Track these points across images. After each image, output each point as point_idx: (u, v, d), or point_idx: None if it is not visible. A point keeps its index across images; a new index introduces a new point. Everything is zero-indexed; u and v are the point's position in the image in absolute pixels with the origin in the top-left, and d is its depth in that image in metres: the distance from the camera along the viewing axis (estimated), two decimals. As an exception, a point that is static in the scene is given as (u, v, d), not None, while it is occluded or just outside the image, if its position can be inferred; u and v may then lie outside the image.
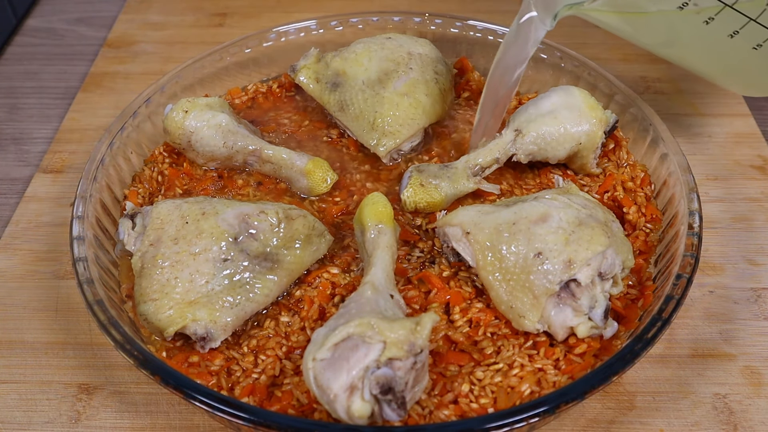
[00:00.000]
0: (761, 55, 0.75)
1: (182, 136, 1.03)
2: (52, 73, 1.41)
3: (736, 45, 0.74)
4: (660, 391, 0.87)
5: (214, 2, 1.57)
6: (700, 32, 0.72)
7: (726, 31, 0.72)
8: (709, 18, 0.70)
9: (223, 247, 0.86)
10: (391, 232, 0.88)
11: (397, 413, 0.70)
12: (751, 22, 0.70)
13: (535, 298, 0.82)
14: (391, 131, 1.05)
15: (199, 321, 0.83)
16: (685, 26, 0.73)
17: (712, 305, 0.96)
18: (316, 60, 1.14)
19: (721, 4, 0.69)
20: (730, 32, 0.71)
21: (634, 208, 0.97)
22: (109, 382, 0.89)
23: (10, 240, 1.06)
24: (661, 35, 0.79)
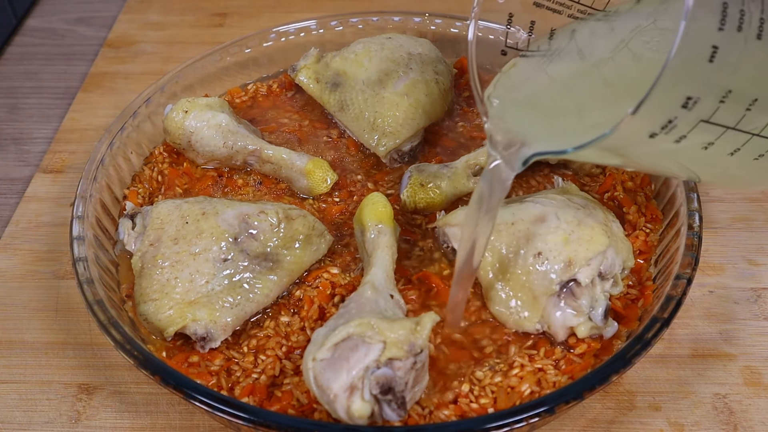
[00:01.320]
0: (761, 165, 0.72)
1: (182, 136, 1.03)
2: (52, 73, 1.41)
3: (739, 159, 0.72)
4: (660, 391, 0.87)
5: (214, 2, 1.57)
6: (698, 155, 0.68)
7: (727, 151, 0.69)
8: (708, 143, 0.66)
9: (223, 247, 0.86)
10: (391, 232, 0.88)
11: (397, 413, 0.70)
12: (754, 137, 0.68)
13: (534, 298, 0.82)
14: (391, 131, 1.05)
15: (199, 321, 0.83)
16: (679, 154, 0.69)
17: (712, 305, 0.96)
18: (316, 60, 1.15)
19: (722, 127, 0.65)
20: (730, 151, 0.69)
21: (634, 208, 0.97)
22: (109, 382, 0.89)
23: (10, 240, 1.06)
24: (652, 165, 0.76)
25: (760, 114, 0.66)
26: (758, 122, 0.67)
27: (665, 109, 0.59)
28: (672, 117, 0.59)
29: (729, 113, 0.63)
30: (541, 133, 0.72)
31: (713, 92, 0.60)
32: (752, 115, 0.65)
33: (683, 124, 0.61)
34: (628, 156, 0.67)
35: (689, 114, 0.60)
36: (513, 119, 0.75)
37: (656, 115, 0.59)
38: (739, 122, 0.65)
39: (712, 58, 0.58)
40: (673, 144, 0.63)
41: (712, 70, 0.58)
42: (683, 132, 0.62)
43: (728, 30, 0.58)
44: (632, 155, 0.67)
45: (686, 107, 0.59)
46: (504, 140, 0.72)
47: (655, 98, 0.56)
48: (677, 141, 0.63)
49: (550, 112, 0.75)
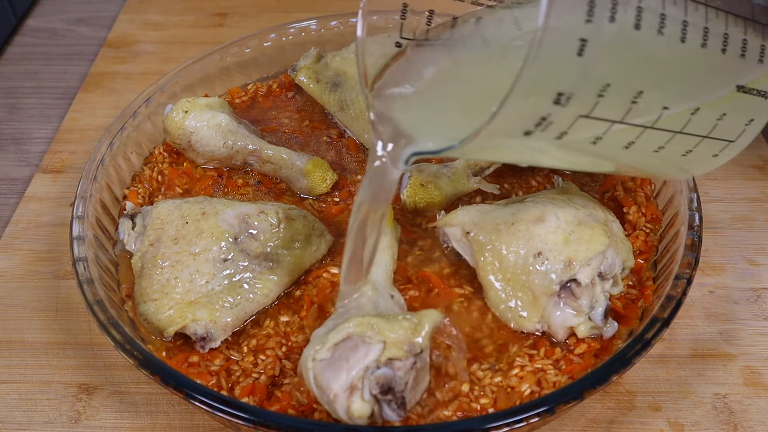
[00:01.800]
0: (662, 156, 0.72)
1: (182, 136, 1.03)
2: (52, 73, 1.41)
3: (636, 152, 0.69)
4: (660, 391, 0.87)
5: (214, 2, 1.57)
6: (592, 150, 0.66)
7: (621, 145, 0.67)
8: (596, 138, 0.64)
9: (223, 247, 0.86)
10: (390, 232, 0.88)
11: (397, 413, 0.70)
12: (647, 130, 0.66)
13: (534, 298, 0.82)
14: (391, 131, 1.05)
15: (199, 321, 0.83)
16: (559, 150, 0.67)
17: (712, 305, 0.96)
18: (316, 60, 1.15)
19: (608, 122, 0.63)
20: (624, 145, 0.67)
21: (634, 208, 0.97)
22: (109, 382, 0.89)
23: (10, 240, 1.06)
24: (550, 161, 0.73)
25: (650, 106, 0.63)
26: (651, 115, 0.64)
27: (535, 107, 0.56)
28: (545, 114, 0.57)
29: (612, 107, 0.61)
30: (427, 129, 0.69)
31: (588, 87, 0.58)
32: (641, 107, 0.62)
33: (560, 120, 0.59)
34: (520, 154, 0.65)
35: (564, 110, 0.58)
36: (400, 113, 0.71)
37: (524, 114, 0.57)
38: (626, 116, 0.63)
39: (581, 52, 0.55)
40: (556, 140, 0.61)
41: (582, 64, 0.56)
42: (563, 128, 0.60)
43: (598, 22, 0.55)
44: (522, 153, 0.65)
45: (559, 103, 0.57)
46: (389, 135, 0.69)
47: (517, 99, 0.54)
48: (559, 137, 0.60)
49: (437, 107, 0.72)
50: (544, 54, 0.53)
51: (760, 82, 0.71)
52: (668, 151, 0.71)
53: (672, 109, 0.66)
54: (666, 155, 0.71)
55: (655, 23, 0.60)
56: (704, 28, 0.64)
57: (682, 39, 0.63)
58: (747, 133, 0.76)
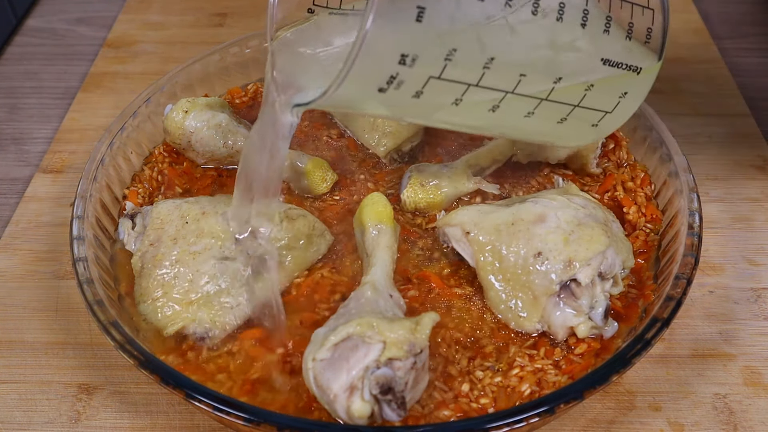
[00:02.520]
0: (534, 122, 0.75)
1: (182, 136, 1.03)
2: (52, 73, 1.41)
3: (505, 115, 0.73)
4: (660, 391, 0.87)
5: (214, 2, 1.57)
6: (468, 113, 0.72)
7: (485, 107, 0.71)
8: (456, 99, 0.69)
9: (223, 247, 0.86)
10: (391, 232, 0.88)
11: (397, 413, 0.70)
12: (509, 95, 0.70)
13: (534, 298, 0.82)
14: (391, 131, 1.05)
15: (199, 321, 0.83)
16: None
17: (712, 305, 0.96)
18: (316, 60, 1.14)
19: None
20: (489, 107, 0.71)
21: (634, 208, 0.97)
22: (109, 382, 0.89)
23: (10, 240, 1.06)
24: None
25: (505, 72, 0.67)
26: (509, 81, 0.68)
27: (381, 66, 0.62)
28: (393, 73, 0.62)
29: (463, 71, 0.65)
30: (312, 85, 0.74)
31: (432, 51, 0.62)
32: (496, 73, 0.66)
33: (411, 80, 0.63)
34: (384, 109, 0.70)
35: (412, 71, 0.62)
36: (296, 68, 0.77)
37: (373, 72, 0.62)
38: (480, 80, 0.66)
39: (419, 18, 0.59)
40: (413, 99, 0.65)
41: (422, 30, 0.60)
42: (417, 88, 0.65)
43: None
44: (386, 108, 0.70)
45: (404, 64, 0.61)
46: (282, 82, 0.75)
47: (362, 57, 0.59)
48: (415, 96, 0.65)
49: (324, 66, 0.78)
50: (381, 19, 0.57)
51: (623, 56, 0.74)
52: (540, 117, 0.74)
53: (529, 77, 0.69)
54: (539, 121, 0.74)
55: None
56: (560, 3, 0.68)
57: (534, 12, 0.66)
58: (624, 106, 0.79)
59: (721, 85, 1.30)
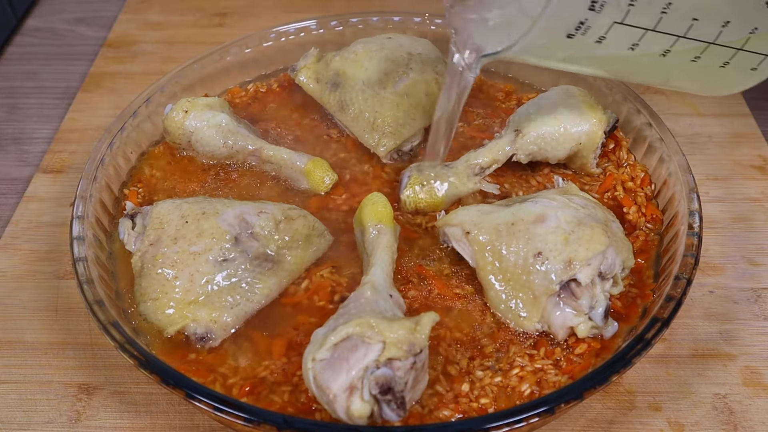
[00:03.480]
0: (700, 66, 0.80)
1: (182, 136, 1.03)
2: (52, 73, 1.41)
3: (673, 60, 0.79)
4: (660, 391, 0.87)
5: (214, 2, 1.57)
6: (626, 57, 0.77)
7: (657, 51, 0.77)
8: (633, 44, 0.75)
9: (223, 247, 0.86)
10: (390, 232, 0.88)
11: (396, 413, 0.70)
12: (681, 40, 0.75)
13: (535, 298, 0.82)
14: (391, 131, 1.05)
15: (199, 321, 0.83)
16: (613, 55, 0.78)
17: (712, 305, 0.96)
18: (316, 60, 1.14)
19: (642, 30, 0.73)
20: (661, 52, 0.77)
21: (634, 208, 0.97)
22: (109, 382, 0.89)
23: (10, 240, 1.06)
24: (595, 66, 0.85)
25: (680, 17, 0.73)
26: (682, 25, 0.74)
27: (572, 12, 0.68)
28: (582, 19, 0.69)
29: (643, 16, 0.71)
30: (492, 38, 0.85)
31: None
32: (671, 17, 0.72)
33: (597, 25, 0.70)
34: (570, 59, 0.77)
35: (599, 16, 0.69)
36: (473, 27, 0.87)
37: (565, 18, 0.69)
38: (657, 24, 0.72)
39: None
40: (595, 44, 0.72)
41: None
42: (601, 32, 0.71)
43: None
44: (571, 58, 0.77)
45: (593, 10, 0.68)
46: (463, 44, 0.87)
47: (557, 5, 0.66)
48: (598, 41, 0.71)
49: (501, 23, 0.86)
50: None
51: None
52: (705, 62, 0.79)
53: (702, 21, 0.74)
54: (704, 66, 0.79)
55: None
56: None
57: None
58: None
59: (721, 85, 1.30)
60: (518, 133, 1.00)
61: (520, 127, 1.00)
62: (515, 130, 1.01)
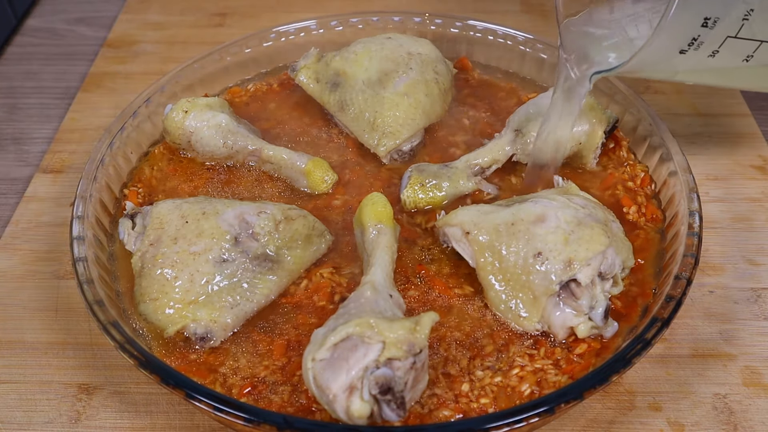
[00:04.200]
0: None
1: (182, 136, 1.03)
2: (52, 73, 1.41)
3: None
4: (660, 391, 0.87)
5: (214, 2, 1.57)
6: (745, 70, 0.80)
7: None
8: (748, 56, 0.77)
9: (223, 247, 0.86)
10: (390, 232, 0.88)
11: (396, 413, 0.70)
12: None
13: (534, 298, 0.82)
14: (391, 131, 1.05)
15: (199, 321, 0.83)
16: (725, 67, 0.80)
17: (712, 305, 0.96)
18: (316, 60, 1.14)
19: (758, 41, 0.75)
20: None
21: (634, 207, 0.97)
22: (109, 382, 0.89)
23: (10, 240, 1.06)
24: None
25: None
26: None
27: (685, 29, 0.70)
28: (695, 35, 0.71)
29: (758, 28, 0.72)
30: (605, 56, 0.88)
31: (731, 12, 0.70)
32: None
33: (709, 41, 0.72)
34: (681, 72, 0.79)
35: (712, 32, 0.71)
36: (588, 45, 0.90)
37: (678, 35, 0.71)
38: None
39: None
40: (708, 58, 0.74)
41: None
42: (714, 47, 0.73)
43: None
44: (683, 71, 0.79)
45: (706, 26, 0.70)
46: (576, 60, 0.89)
47: (670, 22, 0.68)
48: (711, 55, 0.73)
49: (618, 43, 0.90)
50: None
51: None
52: None
53: None
54: None
55: None
56: None
57: None
58: None
59: (721, 85, 1.30)
60: (518, 133, 1.00)
61: (520, 127, 1.00)
62: (515, 130, 1.01)
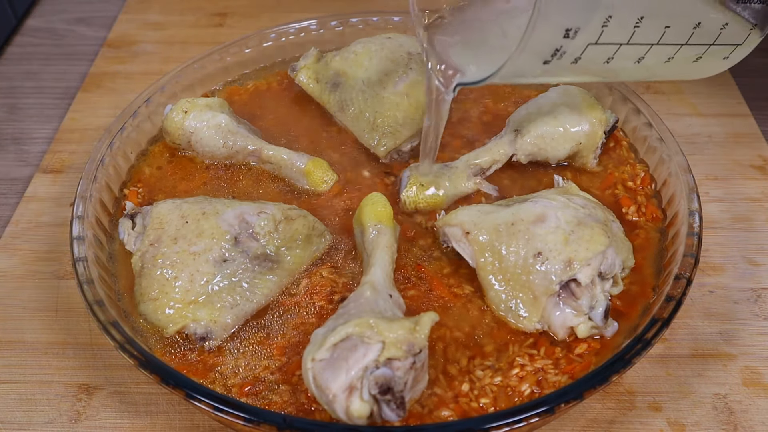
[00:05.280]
0: (673, 64, 0.82)
1: (182, 136, 1.03)
2: (52, 73, 1.41)
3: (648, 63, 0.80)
4: (660, 391, 0.87)
5: (214, 2, 1.57)
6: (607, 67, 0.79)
7: (632, 60, 0.78)
8: (608, 59, 0.76)
9: (223, 247, 0.86)
10: (390, 232, 0.88)
11: (396, 413, 0.70)
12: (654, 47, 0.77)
13: (534, 298, 0.82)
14: (391, 131, 1.05)
15: (199, 321, 0.83)
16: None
17: (712, 305, 0.96)
18: (316, 60, 1.14)
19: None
20: (635, 60, 0.78)
21: (634, 207, 0.97)
22: (109, 382, 0.89)
23: (10, 240, 1.06)
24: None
25: (653, 27, 0.74)
26: (655, 34, 0.75)
27: (547, 43, 0.69)
28: (558, 46, 0.69)
29: (617, 33, 0.72)
30: (471, 66, 0.85)
31: (592, 21, 0.69)
32: (644, 30, 0.73)
33: (572, 49, 0.71)
34: (543, 76, 0.78)
35: (573, 42, 0.70)
36: (453, 54, 0.87)
37: (541, 49, 0.69)
38: (631, 38, 0.73)
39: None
40: (571, 65, 0.73)
41: (584, 4, 0.68)
42: (576, 55, 0.72)
43: None
44: (544, 75, 0.78)
45: (568, 37, 0.69)
46: (441, 70, 0.86)
47: (531, 40, 0.66)
48: (574, 62, 0.72)
49: (480, 50, 0.87)
50: (548, 2, 0.64)
51: None
52: (678, 60, 0.80)
53: (674, 26, 0.75)
54: (677, 63, 0.81)
55: None
56: None
57: None
58: (754, 35, 0.83)
59: (721, 85, 1.30)
60: (518, 133, 1.00)
61: (520, 128, 1.00)
62: (515, 130, 1.01)
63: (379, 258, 0.85)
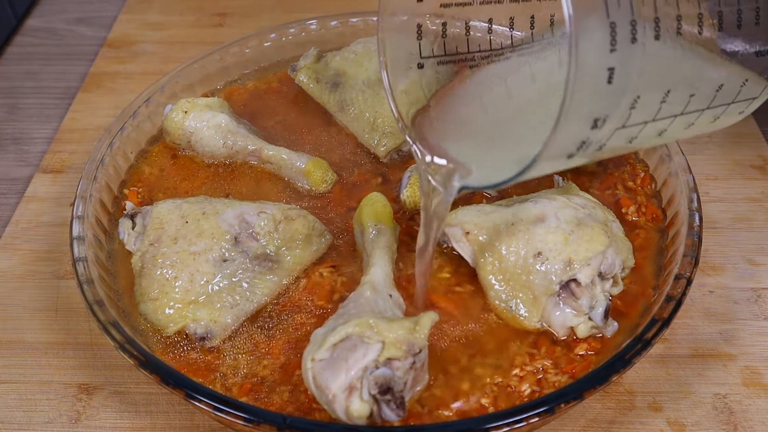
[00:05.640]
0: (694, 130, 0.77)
1: (182, 136, 1.03)
2: (52, 73, 1.41)
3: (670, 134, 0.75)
4: (660, 391, 0.87)
5: (214, 2, 1.57)
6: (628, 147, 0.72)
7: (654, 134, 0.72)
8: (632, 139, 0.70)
9: (223, 247, 0.86)
10: (390, 232, 0.88)
11: (396, 413, 0.70)
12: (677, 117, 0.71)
13: (534, 298, 0.82)
14: (392, 131, 1.05)
15: (199, 321, 0.83)
16: None
17: (712, 305, 0.96)
18: (316, 60, 1.15)
19: None
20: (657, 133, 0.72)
21: (634, 207, 0.97)
22: (109, 382, 0.89)
23: (10, 240, 1.06)
24: None
25: (679, 98, 0.68)
26: (681, 104, 0.69)
27: (575, 137, 0.60)
28: (584, 139, 0.61)
29: (644, 113, 0.65)
30: (479, 166, 0.73)
31: (620, 106, 0.61)
32: (670, 103, 0.67)
33: (597, 139, 0.62)
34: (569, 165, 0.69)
35: (600, 131, 0.61)
36: (452, 147, 0.76)
37: (566, 145, 0.61)
38: (657, 113, 0.66)
39: (610, 80, 0.58)
40: (596, 152, 0.65)
41: (613, 90, 0.59)
42: (602, 142, 0.64)
43: (621, 47, 0.58)
44: (563, 167, 0.69)
45: (596, 127, 0.60)
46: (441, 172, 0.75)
47: (556, 138, 0.58)
48: (599, 149, 0.65)
49: (486, 142, 0.77)
50: (578, 92, 0.56)
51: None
52: (698, 125, 0.75)
53: (698, 94, 0.69)
54: (696, 128, 0.76)
55: (673, 27, 0.63)
56: (719, 12, 0.67)
57: (699, 32, 0.67)
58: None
59: (721, 85, 1.30)
60: (518, 133, 1.00)
61: (520, 127, 1.00)
62: (515, 130, 1.01)
63: (379, 258, 0.85)
